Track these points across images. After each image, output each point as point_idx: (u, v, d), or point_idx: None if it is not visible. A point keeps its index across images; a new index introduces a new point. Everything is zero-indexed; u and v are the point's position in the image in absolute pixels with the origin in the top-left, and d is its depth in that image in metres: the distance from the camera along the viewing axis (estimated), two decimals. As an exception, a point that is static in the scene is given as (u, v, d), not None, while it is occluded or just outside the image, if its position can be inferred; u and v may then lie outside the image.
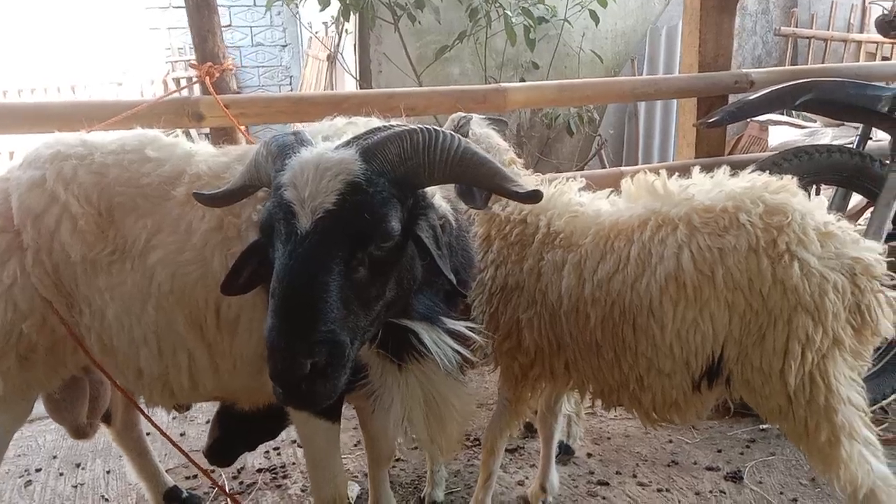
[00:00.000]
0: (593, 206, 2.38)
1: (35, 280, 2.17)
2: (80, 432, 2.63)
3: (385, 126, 1.82)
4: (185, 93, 3.01)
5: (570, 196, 2.44)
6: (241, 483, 3.15)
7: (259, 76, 12.39)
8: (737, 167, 2.30)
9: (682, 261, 2.10)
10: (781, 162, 3.58)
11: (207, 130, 3.27)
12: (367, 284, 1.70)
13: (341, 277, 1.63)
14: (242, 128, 2.76)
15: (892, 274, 2.09)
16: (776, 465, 3.12)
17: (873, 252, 2.06)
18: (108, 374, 2.28)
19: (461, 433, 2.25)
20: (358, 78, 6.92)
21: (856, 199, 3.99)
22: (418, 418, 2.09)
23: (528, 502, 2.92)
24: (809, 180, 3.78)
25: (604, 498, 2.95)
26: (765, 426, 3.39)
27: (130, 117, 2.56)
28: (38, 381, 2.35)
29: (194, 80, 2.96)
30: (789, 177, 2.19)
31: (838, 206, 3.90)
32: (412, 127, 1.76)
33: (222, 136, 3.06)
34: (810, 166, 3.62)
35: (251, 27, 12.05)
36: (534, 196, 1.77)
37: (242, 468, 3.25)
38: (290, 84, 12.16)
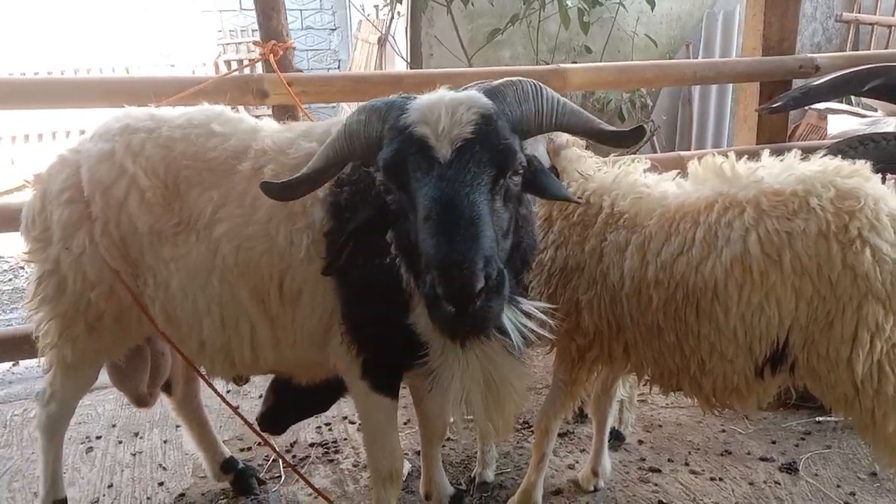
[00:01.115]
0: (659, 188, 2.35)
1: (103, 250, 2.24)
2: (141, 401, 2.71)
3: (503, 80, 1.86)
4: (247, 71, 3.04)
5: (636, 177, 2.41)
6: (293, 457, 3.20)
7: (308, 59, 12.51)
8: (801, 154, 2.25)
9: (748, 244, 2.06)
10: (846, 149, 3.48)
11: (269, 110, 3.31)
12: (501, 217, 1.73)
13: (488, 202, 1.66)
14: (304, 106, 2.80)
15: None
16: (833, 457, 3.06)
17: None
18: (172, 343, 2.34)
19: (517, 414, 2.25)
20: (409, 60, 6.92)
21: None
22: (477, 399, 2.09)
23: (579, 486, 2.91)
24: (876, 169, 3.68)
25: (656, 485, 2.92)
26: (821, 418, 3.32)
27: (196, 93, 2.59)
28: (105, 349, 2.43)
29: (246, 62, 3.00)
30: (862, 161, 2.13)
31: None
32: (521, 78, 1.84)
33: (285, 113, 3.09)
34: (877, 154, 3.51)
35: (301, 10, 12.15)
36: (638, 132, 1.88)
37: (295, 442, 3.31)
38: (339, 67, 12.23)
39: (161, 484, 3.04)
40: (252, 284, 2.16)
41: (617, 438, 3.19)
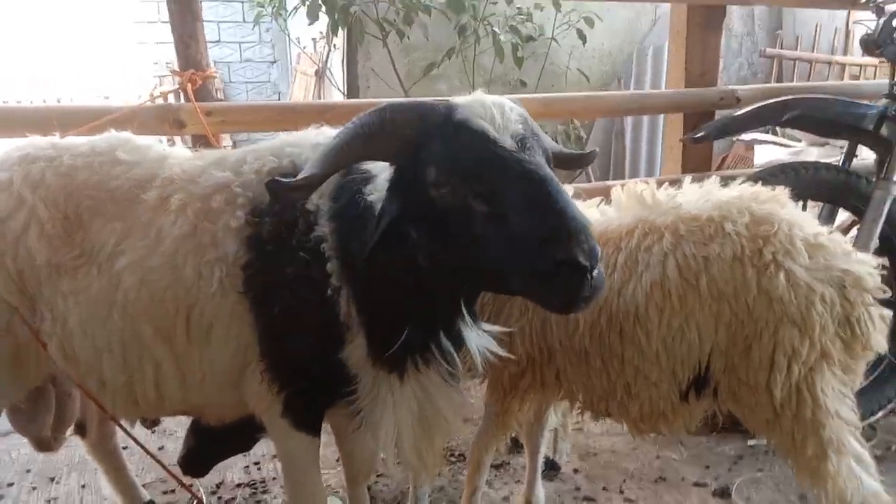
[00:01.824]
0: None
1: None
2: (44, 445, 2.57)
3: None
4: (172, 99, 2.96)
5: None
6: (219, 498, 3.08)
7: (247, 92, 12.40)
8: (722, 181, 2.30)
9: (667, 268, 2.09)
10: (767, 178, 3.58)
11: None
12: None
13: None
14: (220, 136, 2.73)
15: (884, 288, 2.07)
16: (765, 482, 3.09)
17: (865, 265, 2.05)
18: (78, 383, 2.21)
19: (444, 446, 2.20)
20: (346, 93, 6.90)
21: (843, 216, 4.00)
22: (408, 435, 2.05)
23: (513, 518, 2.87)
24: (795, 197, 3.80)
25: (590, 514, 2.90)
26: (753, 442, 3.35)
27: (111, 123, 2.51)
28: (3, 392, 2.29)
29: (158, 93, 2.93)
30: (781, 188, 2.19)
31: (825, 222, 3.90)
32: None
33: (205, 144, 3.02)
34: (796, 183, 3.62)
35: (240, 43, 12.06)
36: (591, 156, 2.11)
37: (221, 483, 3.18)
38: (279, 100, 12.16)
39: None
40: (156, 320, 2.05)
41: (552, 468, 3.16)
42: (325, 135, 2.12)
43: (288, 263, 1.95)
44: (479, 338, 1.94)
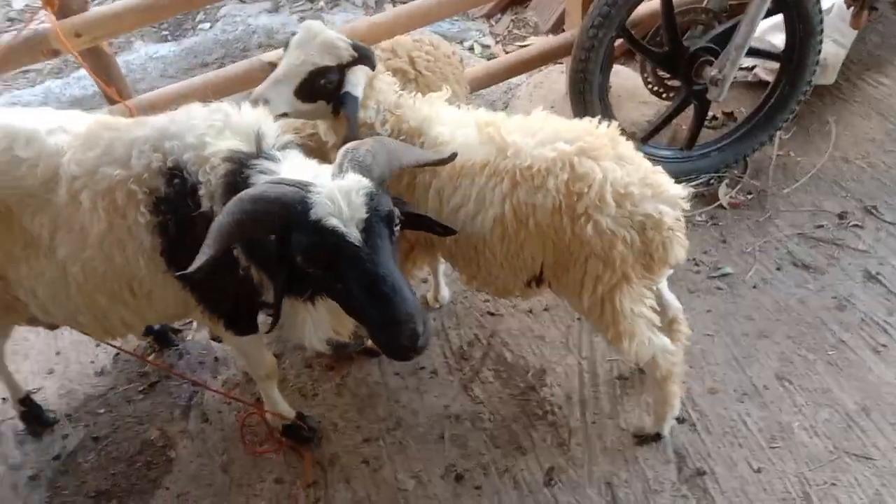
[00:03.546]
0: (453, 142, 2.61)
1: None
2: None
3: (351, 147, 2.20)
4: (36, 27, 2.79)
5: (439, 129, 2.66)
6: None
7: None
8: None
9: (505, 209, 2.51)
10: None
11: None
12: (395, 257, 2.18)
13: (395, 259, 2.13)
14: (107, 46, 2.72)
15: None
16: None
17: (672, 202, 2.44)
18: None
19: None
20: None
21: None
22: (324, 325, 2.62)
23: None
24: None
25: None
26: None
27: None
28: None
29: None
30: (609, 129, 2.48)
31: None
32: (371, 141, 2.26)
33: (94, 57, 3.01)
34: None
35: None
36: (453, 156, 2.44)
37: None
38: None
39: (98, 345, 3.69)
40: (106, 292, 2.52)
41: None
42: (200, 119, 2.36)
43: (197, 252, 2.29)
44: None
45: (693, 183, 4.19)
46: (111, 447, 3.38)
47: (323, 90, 2.62)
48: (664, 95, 4.16)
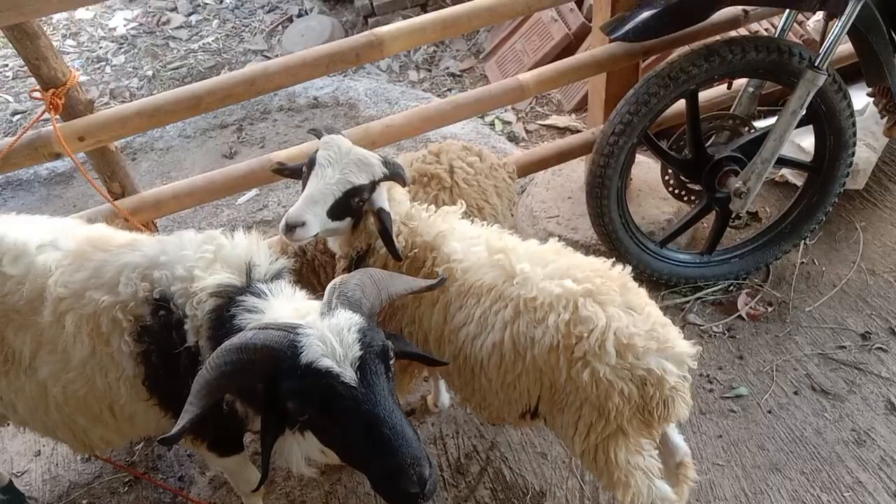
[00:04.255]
0: (466, 260, 2.54)
1: None
2: None
3: (339, 282, 2.12)
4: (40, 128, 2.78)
5: (453, 243, 2.58)
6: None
7: None
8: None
9: (505, 336, 2.41)
10: (690, 69, 3.42)
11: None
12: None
13: (392, 395, 1.98)
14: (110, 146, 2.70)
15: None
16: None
17: (679, 359, 2.31)
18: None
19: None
20: None
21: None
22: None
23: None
24: (726, 76, 3.63)
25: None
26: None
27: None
28: None
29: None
30: (622, 273, 2.42)
31: (752, 98, 3.78)
32: (360, 275, 2.18)
33: (98, 154, 3.03)
34: (723, 67, 3.46)
35: None
36: (442, 282, 2.36)
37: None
38: None
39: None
40: (86, 414, 2.45)
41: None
42: (192, 249, 2.30)
43: (182, 383, 2.16)
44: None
45: (711, 290, 4.06)
46: (90, 543, 3.29)
47: (353, 208, 2.56)
48: (686, 199, 4.04)
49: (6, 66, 7.16)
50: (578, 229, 4.39)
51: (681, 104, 3.64)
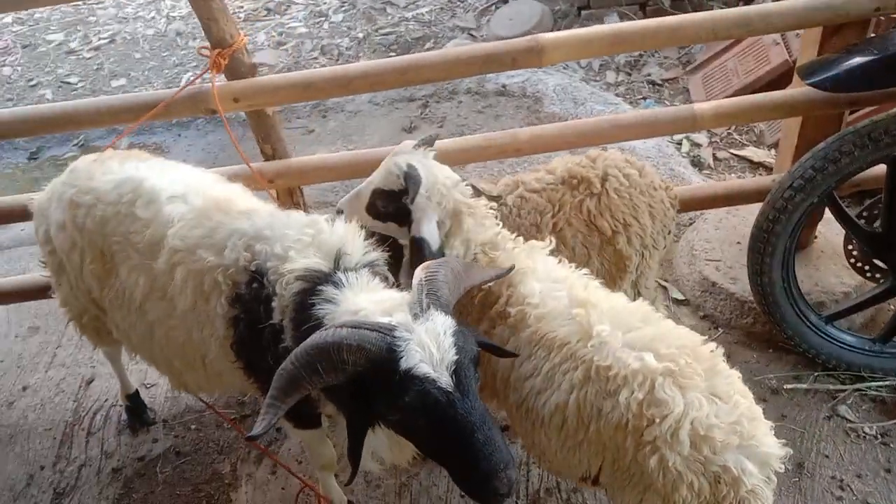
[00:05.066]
0: (543, 306, 2.38)
1: (81, 293, 2.82)
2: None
3: (426, 279, 2.08)
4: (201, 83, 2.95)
5: (532, 284, 2.43)
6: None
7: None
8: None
9: (570, 400, 2.22)
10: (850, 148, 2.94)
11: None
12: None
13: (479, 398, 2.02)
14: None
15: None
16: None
17: (763, 460, 2.03)
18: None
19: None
20: None
21: None
22: (384, 450, 2.43)
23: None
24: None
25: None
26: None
27: (151, 118, 2.77)
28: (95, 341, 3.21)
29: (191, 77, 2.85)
30: (713, 354, 2.15)
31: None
32: (438, 265, 2.15)
33: (255, 116, 3.15)
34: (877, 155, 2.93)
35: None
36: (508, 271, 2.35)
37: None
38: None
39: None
40: (184, 358, 2.63)
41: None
42: (294, 230, 2.34)
43: (265, 356, 2.32)
44: None
45: (876, 384, 3.51)
46: (187, 466, 3.56)
47: (387, 213, 2.56)
48: (868, 275, 3.51)
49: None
50: (738, 280, 3.97)
51: (880, 169, 3.12)
